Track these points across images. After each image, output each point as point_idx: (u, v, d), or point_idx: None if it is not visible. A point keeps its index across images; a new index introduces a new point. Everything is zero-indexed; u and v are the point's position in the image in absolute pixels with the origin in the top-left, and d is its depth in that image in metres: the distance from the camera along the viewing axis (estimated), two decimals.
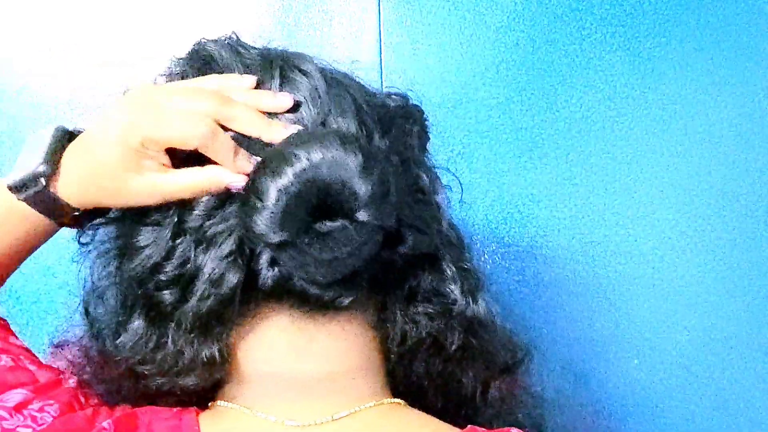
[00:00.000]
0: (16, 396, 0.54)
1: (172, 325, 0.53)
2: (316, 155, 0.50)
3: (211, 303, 0.52)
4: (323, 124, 0.55)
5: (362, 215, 0.51)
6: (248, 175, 0.53)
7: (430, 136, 0.63)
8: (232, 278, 0.52)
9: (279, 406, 0.55)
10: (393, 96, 0.61)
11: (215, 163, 0.53)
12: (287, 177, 0.50)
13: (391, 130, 0.58)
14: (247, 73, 0.57)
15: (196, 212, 0.53)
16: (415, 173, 0.59)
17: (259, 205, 0.50)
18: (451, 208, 0.64)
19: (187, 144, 0.53)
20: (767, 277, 0.89)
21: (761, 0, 0.91)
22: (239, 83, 0.56)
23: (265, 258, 0.53)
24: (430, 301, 0.59)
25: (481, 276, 0.62)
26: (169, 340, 0.53)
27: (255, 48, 0.60)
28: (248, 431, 0.55)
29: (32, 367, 0.57)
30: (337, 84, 0.57)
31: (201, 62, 0.59)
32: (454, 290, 0.59)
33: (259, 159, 0.53)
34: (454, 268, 0.60)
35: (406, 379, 0.60)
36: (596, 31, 0.90)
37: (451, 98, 0.90)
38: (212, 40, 0.60)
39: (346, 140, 0.51)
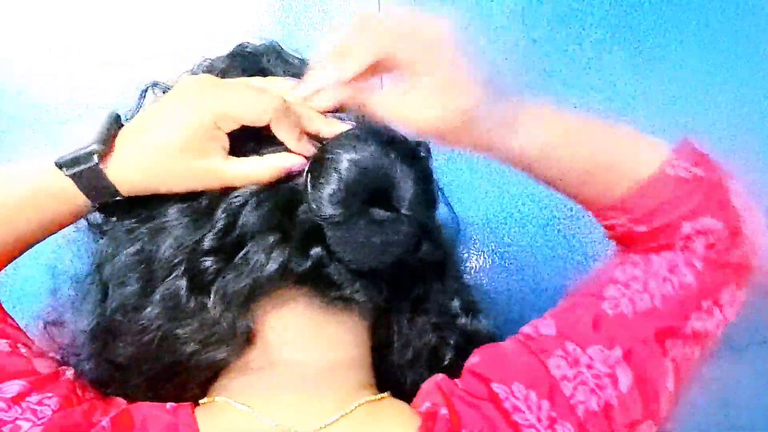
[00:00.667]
0: (13, 387, 0.53)
1: (212, 294, 0.54)
2: (387, 146, 0.53)
3: (254, 277, 0.53)
4: None
5: (409, 212, 0.54)
6: (308, 158, 0.54)
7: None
8: (277, 257, 0.53)
9: (278, 406, 0.55)
10: None
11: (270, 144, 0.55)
12: (361, 152, 0.53)
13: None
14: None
15: (244, 189, 0.54)
16: None
17: (330, 172, 0.52)
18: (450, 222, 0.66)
19: (261, 119, 0.53)
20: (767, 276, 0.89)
21: (761, 0, 0.91)
22: (285, 85, 0.57)
23: (304, 240, 0.54)
24: (434, 312, 0.61)
25: (476, 294, 0.65)
26: (210, 307, 0.54)
27: (296, 57, 0.62)
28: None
29: (28, 355, 0.56)
30: None
31: (246, 63, 0.60)
32: (456, 304, 0.62)
33: (319, 144, 0.55)
34: (455, 283, 0.62)
35: (398, 386, 0.60)
36: (596, 31, 0.90)
37: None
38: (256, 45, 0.62)
39: (406, 145, 0.55)
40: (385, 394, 0.58)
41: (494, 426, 0.53)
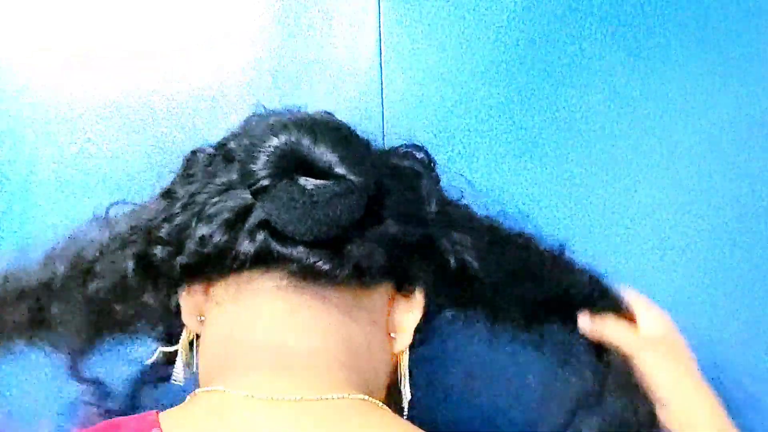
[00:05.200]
0: None
1: (157, 279, 0.61)
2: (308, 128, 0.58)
3: (196, 258, 0.58)
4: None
5: (341, 170, 0.56)
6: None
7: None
8: (218, 237, 0.56)
9: (250, 381, 0.55)
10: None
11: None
12: (288, 129, 0.57)
13: (394, 186, 0.61)
14: None
15: (207, 188, 0.59)
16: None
17: (259, 144, 0.57)
18: None
19: None
20: (767, 277, 0.89)
21: (761, 0, 0.91)
22: None
23: (250, 226, 0.56)
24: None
25: None
26: (149, 290, 0.62)
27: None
28: (216, 405, 0.55)
29: None
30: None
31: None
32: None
33: None
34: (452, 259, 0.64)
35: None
36: (596, 31, 0.90)
37: (451, 98, 0.90)
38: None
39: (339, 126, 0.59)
40: (379, 403, 0.57)
41: None
